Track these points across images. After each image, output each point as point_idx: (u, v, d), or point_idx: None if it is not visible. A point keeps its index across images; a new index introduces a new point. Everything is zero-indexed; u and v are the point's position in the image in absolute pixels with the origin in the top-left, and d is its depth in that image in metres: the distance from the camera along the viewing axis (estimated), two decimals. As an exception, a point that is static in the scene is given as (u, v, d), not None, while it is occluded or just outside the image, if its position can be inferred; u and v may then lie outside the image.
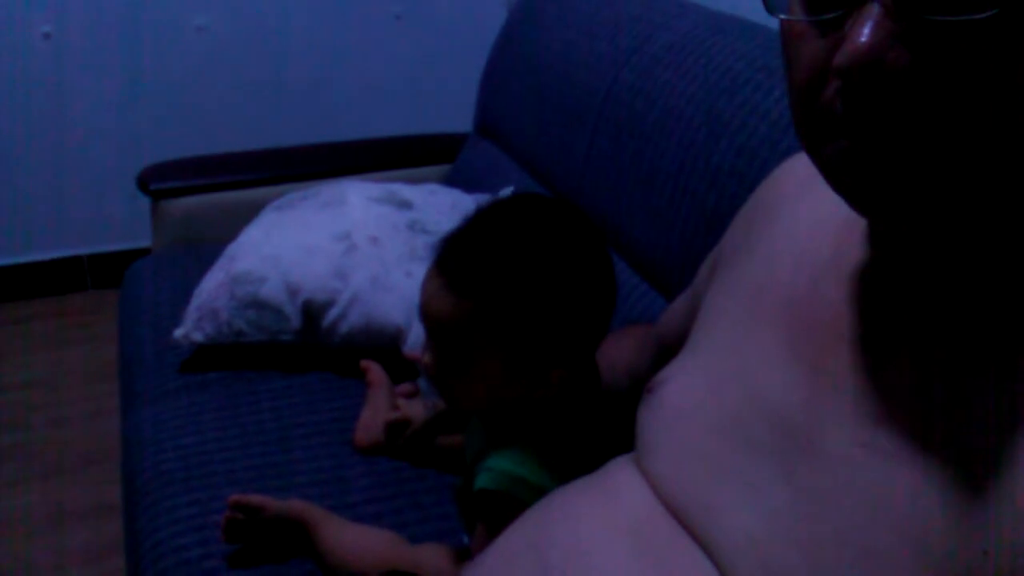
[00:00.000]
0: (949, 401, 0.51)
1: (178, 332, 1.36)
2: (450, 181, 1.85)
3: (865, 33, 0.44)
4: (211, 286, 1.37)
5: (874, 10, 0.44)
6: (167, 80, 2.54)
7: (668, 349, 0.84)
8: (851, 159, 0.48)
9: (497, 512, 0.82)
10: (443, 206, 1.51)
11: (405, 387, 1.23)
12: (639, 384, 0.76)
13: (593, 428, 0.89)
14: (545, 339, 0.85)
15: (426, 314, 0.88)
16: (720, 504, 0.59)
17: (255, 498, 1.03)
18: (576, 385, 0.89)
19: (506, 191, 1.63)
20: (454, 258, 0.87)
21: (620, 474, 0.68)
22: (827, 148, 0.50)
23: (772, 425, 0.59)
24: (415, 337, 1.31)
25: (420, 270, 1.35)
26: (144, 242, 1.99)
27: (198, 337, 1.35)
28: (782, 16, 0.51)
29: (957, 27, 0.43)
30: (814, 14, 0.48)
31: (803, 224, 0.67)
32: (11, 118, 2.44)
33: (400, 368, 1.25)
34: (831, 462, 0.55)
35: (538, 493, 0.76)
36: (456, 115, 2.09)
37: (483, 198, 1.61)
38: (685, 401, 0.67)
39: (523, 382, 0.86)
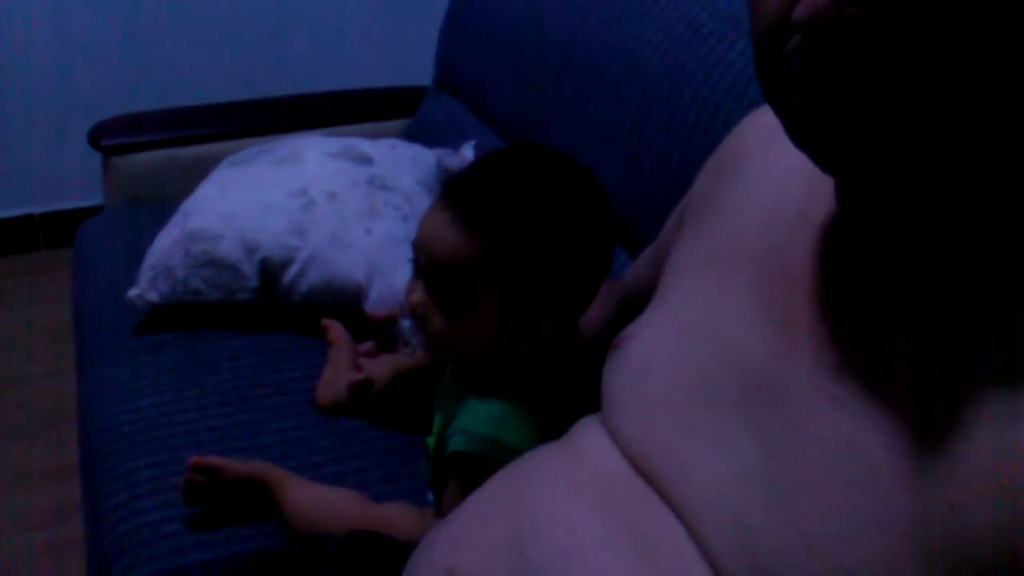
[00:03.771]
0: (914, 356, 0.51)
1: (132, 292, 1.33)
2: (410, 135, 1.82)
3: None
4: (165, 244, 1.34)
5: None
6: (123, 35, 2.47)
7: (634, 304, 0.83)
8: (808, 112, 0.48)
9: (471, 473, 0.81)
10: (403, 161, 1.48)
11: (367, 345, 1.21)
12: (605, 341, 0.75)
13: (572, 387, 0.88)
14: (545, 286, 0.83)
15: (427, 250, 0.85)
16: (688, 460, 0.59)
17: (215, 459, 1.02)
18: (560, 342, 0.88)
19: (468, 145, 1.60)
20: (466, 193, 0.85)
21: (587, 434, 0.68)
22: (785, 99, 0.50)
23: (740, 379, 0.59)
24: (376, 295, 1.29)
25: (380, 227, 1.35)
26: (97, 200, 1.94)
27: (153, 296, 1.32)
28: None
29: None
30: None
31: (771, 177, 0.66)
32: (-44, 74, 2.38)
33: (361, 326, 1.24)
34: (799, 416, 0.54)
35: (513, 455, 0.75)
36: (415, 68, 2.06)
37: (445, 152, 1.59)
38: (652, 356, 0.67)
39: (514, 332, 0.85)
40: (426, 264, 0.85)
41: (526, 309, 0.84)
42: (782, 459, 0.54)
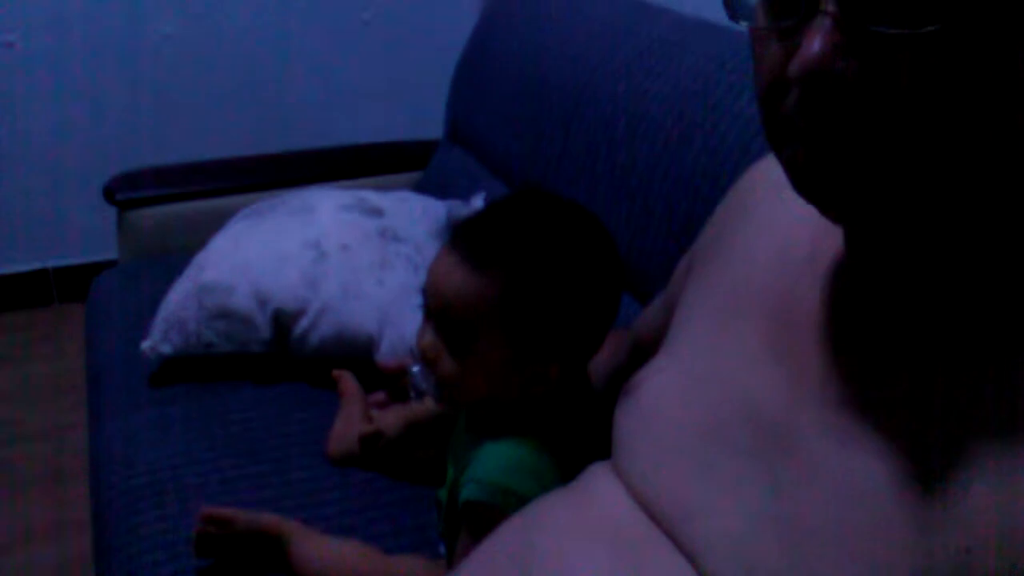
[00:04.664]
0: (918, 398, 0.52)
1: (145, 344, 1.33)
2: (421, 188, 1.84)
3: (816, 43, 0.45)
4: (179, 296, 1.35)
5: (825, 21, 0.45)
6: (133, 88, 2.50)
7: (644, 351, 0.84)
8: (808, 164, 0.49)
9: (483, 522, 0.80)
10: (414, 213, 1.49)
11: (378, 396, 1.21)
12: (616, 387, 0.76)
13: (583, 432, 0.88)
14: (553, 328, 0.83)
15: (434, 292, 0.85)
16: (699, 506, 0.59)
17: (226, 511, 1.01)
18: (570, 386, 0.88)
19: (478, 196, 1.62)
20: (472, 234, 0.85)
21: (598, 479, 0.68)
22: (786, 151, 0.51)
23: (751, 424, 0.59)
24: (388, 345, 1.29)
25: (391, 278, 1.36)
26: (111, 254, 1.96)
27: (166, 349, 1.32)
28: (744, 23, 0.52)
29: (901, 40, 0.44)
30: (773, 21, 0.49)
31: (780, 222, 0.67)
32: (-27, 129, 2.41)
33: (373, 377, 1.23)
34: (808, 459, 0.55)
35: (525, 502, 0.75)
36: (427, 121, 2.08)
37: (455, 204, 1.60)
38: (662, 401, 0.67)
39: (523, 374, 0.85)
40: (435, 306, 0.86)
41: (534, 351, 0.84)
42: (791, 503, 0.54)
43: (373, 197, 1.50)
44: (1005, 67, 0.44)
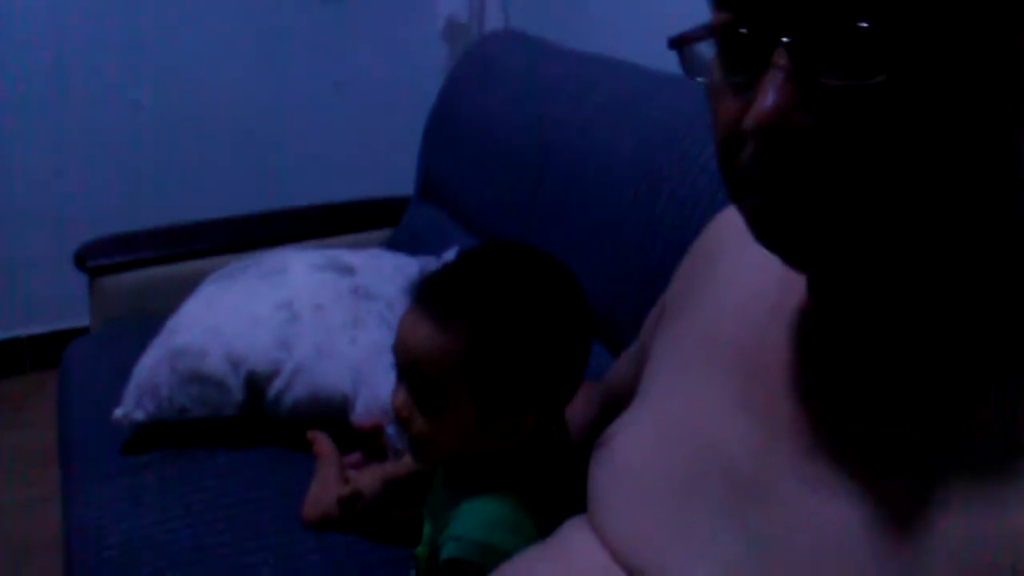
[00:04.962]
0: (894, 445, 0.52)
1: (118, 412, 1.32)
2: (393, 244, 1.84)
3: (769, 97, 0.46)
4: (151, 362, 1.34)
5: (777, 75, 0.46)
6: (102, 154, 2.51)
7: (617, 402, 0.84)
8: (765, 214, 0.51)
9: None
10: (386, 270, 1.50)
11: (354, 457, 1.20)
12: (591, 440, 0.75)
13: (562, 483, 0.87)
14: (522, 378, 0.83)
15: (402, 348, 0.85)
16: (674, 559, 0.59)
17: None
18: (547, 437, 0.88)
19: (450, 252, 1.62)
20: (435, 289, 0.86)
21: (574, 534, 0.67)
22: (745, 202, 0.52)
23: (724, 475, 0.59)
24: (362, 405, 1.28)
25: (364, 336, 1.35)
26: (84, 321, 1.95)
27: (139, 416, 1.31)
28: (699, 78, 0.53)
29: (852, 91, 0.46)
30: (728, 76, 0.50)
31: (746, 270, 0.68)
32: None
33: (348, 437, 1.23)
34: (782, 508, 0.55)
35: (507, 558, 0.74)
36: (398, 180, 2.10)
37: (428, 260, 1.60)
38: (635, 455, 0.67)
39: (495, 427, 0.84)
40: (403, 363, 0.86)
41: (505, 404, 0.84)
42: (767, 553, 0.54)
43: (345, 255, 1.51)
44: (952, 114, 0.46)
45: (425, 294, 0.86)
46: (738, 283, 0.68)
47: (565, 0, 2.11)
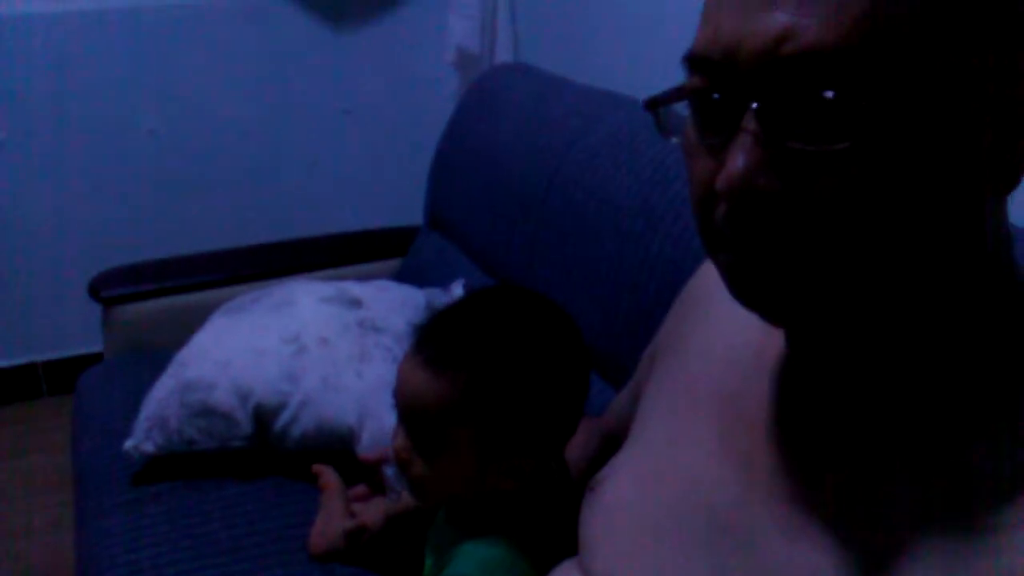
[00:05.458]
0: (868, 494, 0.53)
1: (129, 443, 1.34)
2: (401, 275, 1.87)
3: (739, 160, 0.48)
4: (161, 394, 1.36)
5: (746, 139, 0.48)
6: (118, 184, 2.55)
7: (614, 441, 0.85)
8: (737, 271, 0.53)
9: None
10: (394, 302, 1.52)
11: (359, 490, 1.22)
12: (588, 478, 0.77)
13: (560, 523, 0.89)
14: (519, 423, 0.85)
15: (400, 394, 0.88)
16: None
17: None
18: (547, 479, 0.89)
19: (457, 284, 1.65)
20: (432, 337, 0.88)
21: (563, 576, 0.69)
22: (719, 258, 0.54)
23: (706, 521, 0.60)
24: (368, 438, 1.30)
25: (370, 370, 1.37)
26: (99, 346, 1.98)
27: (149, 448, 1.34)
28: (673, 139, 0.55)
29: (816, 156, 0.47)
30: (702, 137, 0.52)
31: (732, 317, 0.69)
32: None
33: (354, 470, 1.25)
34: (761, 557, 0.56)
35: None
36: (408, 209, 2.12)
37: (434, 292, 1.63)
38: (622, 497, 0.69)
39: (494, 470, 0.86)
40: (402, 408, 0.88)
41: (502, 449, 0.85)
42: None
43: (353, 288, 1.53)
44: (913, 179, 0.47)
45: (421, 342, 0.88)
46: (725, 330, 0.69)
47: (575, 34, 2.13)
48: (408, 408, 0.87)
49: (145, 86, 2.51)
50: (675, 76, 0.55)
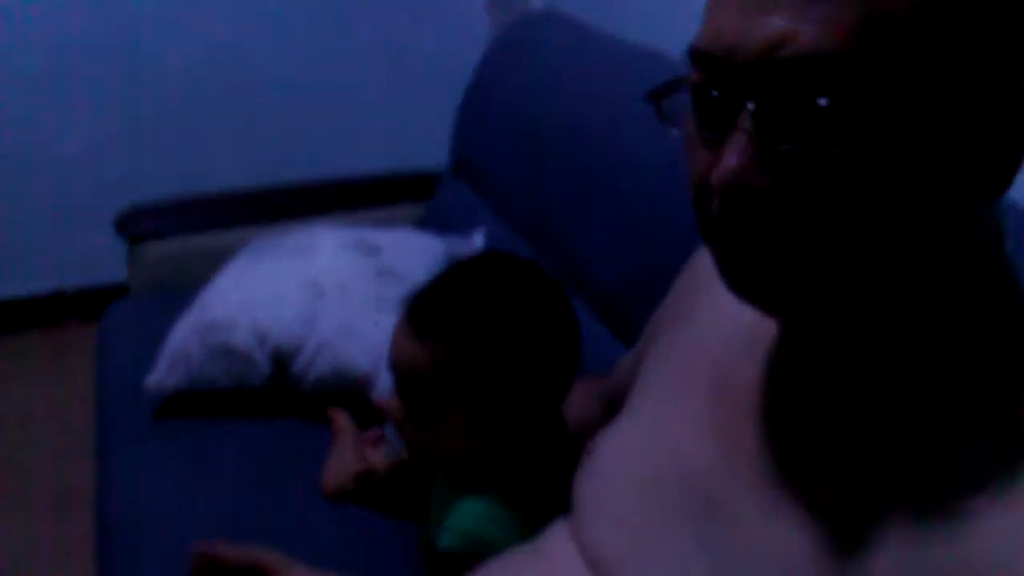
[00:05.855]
0: (845, 477, 0.55)
1: (150, 379, 1.37)
2: (424, 222, 1.87)
3: (732, 157, 0.49)
4: (183, 333, 1.39)
5: (741, 138, 0.49)
6: (147, 119, 2.56)
7: (616, 404, 0.86)
8: (729, 262, 0.54)
9: (456, 569, 0.84)
10: (413, 251, 1.53)
11: (371, 434, 1.24)
12: (587, 437, 0.79)
13: (560, 482, 0.91)
14: (508, 388, 0.87)
15: (392, 360, 0.90)
16: (637, 570, 0.62)
17: (219, 546, 1.04)
18: (541, 436, 0.91)
19: (478, 233, 1.65)
20: (419, 306, 0.90)
21: (556, 540, 0.70)
22: (713, 248, 0.56)
23: (691, 492, 0.62)
24: (383, 383, 1.32)
25: (387, 320, 1.37)
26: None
27: (170, 384, 1.36)
28: (673, 130, 0.57)
29: (808, 158, 0.49)
30: (700, 130, 0.54)
31: (728, 297, 0.70)
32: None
33: (368, 414, 1.27)
34: (739, 530, 0.58)
35: (496, 552, 0.78)
36: (438, 152, 2.12)
37: (454, 241, 1.63)
38: (613, 463, 0.70)
39: (486, 432, 0.88)
40: (395, 375, 0.90)
41: (492, 410, 0.87)
42: (725, 573, 0.57)
43: (373, 235, 1.54)
44: (902, 183, 0.49)
45: (409, 311, 0.90)
46: (722, 309, 0.70)
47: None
48: (399, 375, 0.89)
49: (181, 23, 2.51)
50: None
